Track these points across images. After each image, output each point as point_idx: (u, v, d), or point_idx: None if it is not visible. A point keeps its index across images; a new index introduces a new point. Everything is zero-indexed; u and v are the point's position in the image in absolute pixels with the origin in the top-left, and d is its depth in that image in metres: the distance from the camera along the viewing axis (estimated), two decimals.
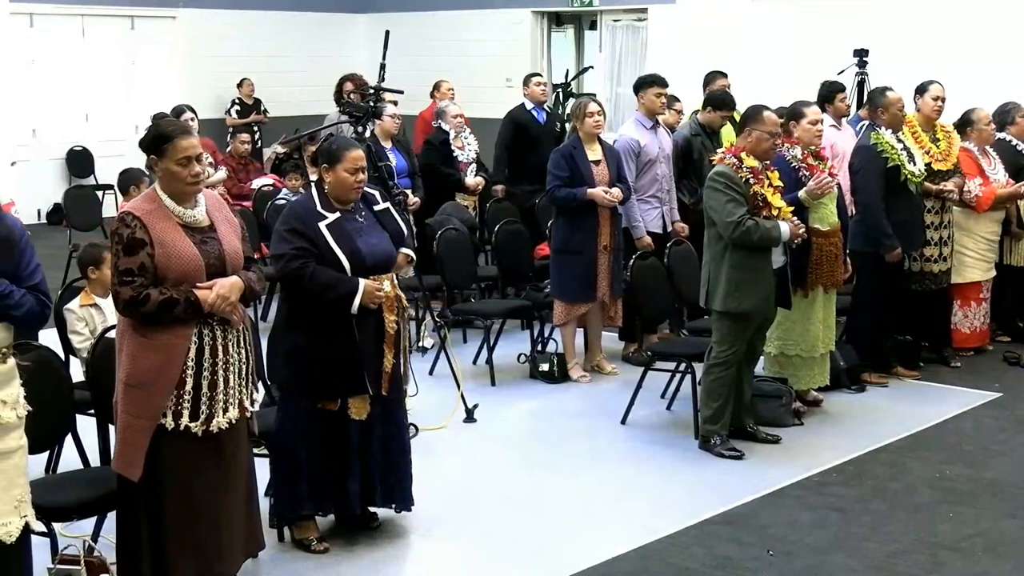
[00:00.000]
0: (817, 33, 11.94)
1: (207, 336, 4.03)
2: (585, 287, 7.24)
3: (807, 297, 6.44)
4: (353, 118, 6.57)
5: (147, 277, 3.91)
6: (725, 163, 5.96)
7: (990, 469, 5.95)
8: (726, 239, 5.87)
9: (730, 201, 5.82)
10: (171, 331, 3.96)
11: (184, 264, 3.95)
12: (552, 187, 7.20)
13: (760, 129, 5.94)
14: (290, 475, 4.79)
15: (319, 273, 4.64)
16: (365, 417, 4.79)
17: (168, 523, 4.06)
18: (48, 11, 13.85)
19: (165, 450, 4.01)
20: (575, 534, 5.12)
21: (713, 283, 5.99)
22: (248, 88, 14.63)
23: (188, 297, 3.93)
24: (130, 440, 4.00)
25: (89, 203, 11.36)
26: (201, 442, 4.05)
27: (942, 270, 7.56)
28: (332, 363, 4.69)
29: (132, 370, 3.98)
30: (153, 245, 3.92)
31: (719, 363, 6.02)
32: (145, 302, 3.89)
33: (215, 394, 4.05)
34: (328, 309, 4.65)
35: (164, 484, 4.03)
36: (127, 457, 4.01)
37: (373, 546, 4.95)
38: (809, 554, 4.91)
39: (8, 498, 3.60)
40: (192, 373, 4.00)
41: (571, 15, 15.23)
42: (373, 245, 4.80)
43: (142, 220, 3.94)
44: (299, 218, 4.73)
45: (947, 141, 7.57)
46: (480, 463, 6.05)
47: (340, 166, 4.74)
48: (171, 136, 4.01)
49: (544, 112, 9.72)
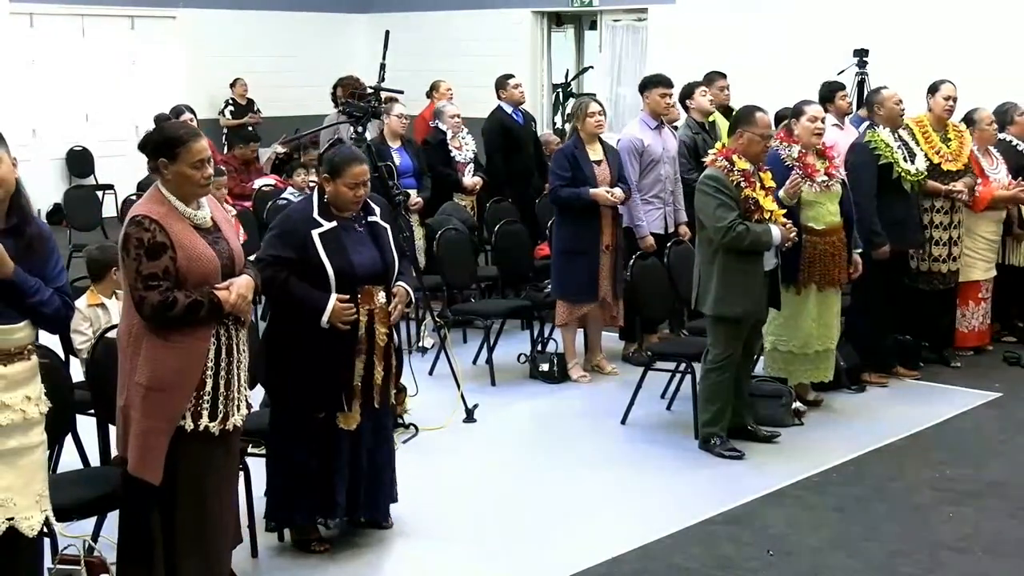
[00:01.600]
0: (817, 33, 11.94)
1: (223, 336, 4.05)
2: (588, 287, 7.24)
3: (800, 295, 6.44)
4: (353, 118, 6.57)
5: (171, 281, 3.92)
6: (716, 166, 5.93)
7: (990, 469, 5.95)
8: (716, 243, 5.86)
9: (720, 206, 5.80)
10: (192, 333, 3.97)
11: (204, 265, 3.97)
12: (555, 187, 7.19)
13: (752, 131, 5.92)
14: (287, 479, 4.78)
15: (290, 285, 4.61)
16: (354, 428, 4.76)
17: (179, 523, 4.07)
18: (48, 11, 13.85)
19: (181, 451, 4.01)
20: (575, 534, 5.12)
21: (704, 286, 5.98)
22: (241, 88, 14.60)
23: (212, 299, 3.95)
24: (150, 444, 3.98)
25: (89, 203, 11.37)
26: (215, 442, 4.08)
27: (951, 270, 7.56)
28: (312, 376, 4.65)
29: (153, 374, 3.95)
30: (175, 248, 3.93)
31: (716, 367, 6.02)
32: (173, 306, 3.89)
33: (231, 393, 4.09)
34: (305, 320, 4.63)
35: (179, 484, 4.04)
36: (147, 461, 3.99)
37: (373, 546, 4.95)
38: (809, 554, 4.91)
39: (30, 492, 3.65)
40: (212, 374, 4.02)
41: (571, 15, 15.24)
42: (367, 256, 4.73)
43: (160, 223, 3.93)
44: (292, 223, 4.70)
45: (959, 141, 7.56)
46: (480, 463, 6.05)
47: (340, 180, 4.67)
48: (184, 139, 4.01)
49: (520, 114, 9.70)
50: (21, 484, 3.63)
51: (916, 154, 7.20)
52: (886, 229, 6.99)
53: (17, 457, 3.62)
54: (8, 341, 3.59)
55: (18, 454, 3.62)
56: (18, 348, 3.62)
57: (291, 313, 4.67)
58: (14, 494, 3.60)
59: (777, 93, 8.38)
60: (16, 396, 3.61)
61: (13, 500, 3.59)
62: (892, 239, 7.03)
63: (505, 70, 10.04)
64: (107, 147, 14.20)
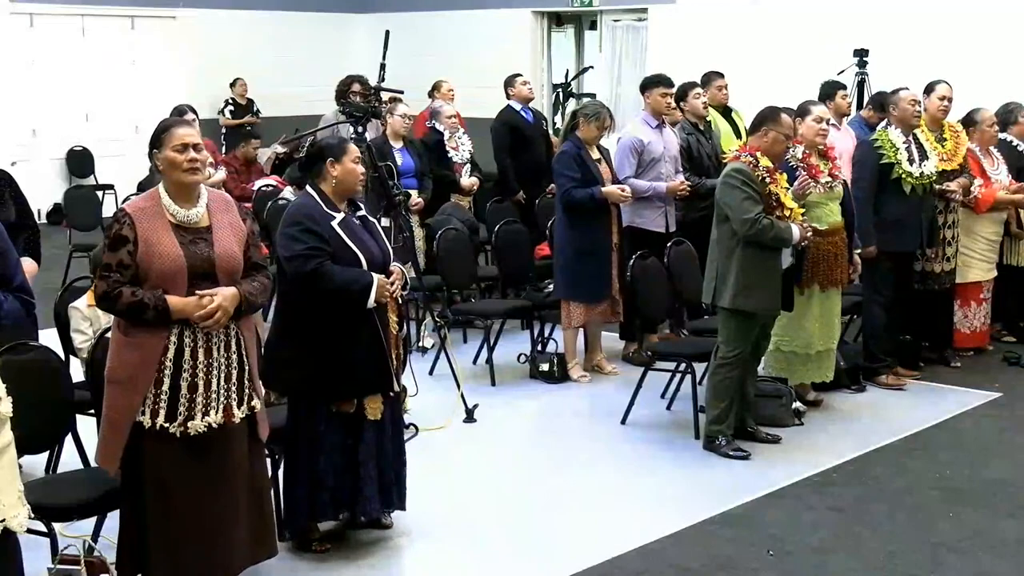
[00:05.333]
0: (817, 33, 11.94)
1: (187, 338, 3.99)
2: (602, 286, 7.26)
3: (803, 294, 6.44)
4: (353, 118, 6.57)
5: (123, 274, 3.93)
6: (742, 160, 5.93)
7: (990, 469, 5.95)
8: (740, 236, 5.83)
9: (747, 199, 5.80)
10: (148, 330, 3.96)
11: (164, 263, 3.94)
12: (567, 188, 7.15)
13: (777, 130, 5.92)
14: (310, 483, 4.75)
15: (335, 270, 4.62)
16: (379, 417, 4.78)
17: (149, 521, 4.05)
18: (48, 11, 13.85)
19: (146, 449, 4.00)
20: (575, 534, 5.12)
21: (722, 281, 5.95)
22: (241, 88, 14.61)
23: (158, 305, 3.91)
24: (108, 435, 4.05)
25: (89, 203, 11.35)
26: (181, 444, 4.00)
27: (946, 270, 7.55)
28: (353, 362, 4.65)
29: (113, 365, 4.04)
30: (136, 243, 3.93)
31: (726, 363, 6.01)
32: (116, 299, 3.92)
33: (194, 396, 4.00)
34: (341, 307, 4.63)
35: (144, 483, 4.03)
36: (104, 451, 4.08)
37: (373, 546, 4.95)
38: (809, 554, 4.91)
39: (13, 490, 3.63)
40: (169, 373, 3.97)
41: (571, 15, 15.23)
42: (374, 245, 4.81)
43: (132, 217, 3.96)
44: (309, 217, 4.68)
45: (954, 141, 7.54)
46: (480, 463, 6.05)
47: (346, 157, 4.75)
48: (168, 126, 4.07)
49: (531, 112, 9.72)
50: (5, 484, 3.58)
51: (929, 157, 7.16)
52: (884, 229, 6.99)
53: None
54: None
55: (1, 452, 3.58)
56: None
57: (323, 302, 4.63)
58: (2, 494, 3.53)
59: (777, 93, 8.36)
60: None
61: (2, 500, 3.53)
62: (888, 240, 7.02)
63: (505, 70, 10.05)
64: (107, 147, 14.20)
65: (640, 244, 7.33)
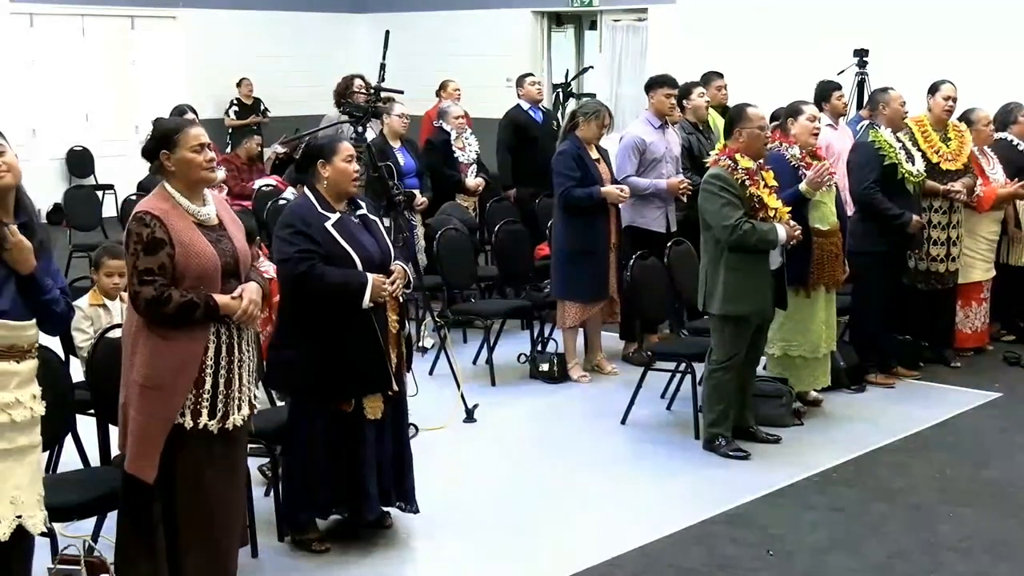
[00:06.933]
0: (817, 33, 11.93)
1: (224, 334, 4.03)
2: (599, 287, 7.26)
3: (809, 297, 6.44)
4: (353, 118, 6.57)
5: (166, 277, 3.91)
6: (720, 165, 5.93)
7: (990, 469, 5.95)
8: (723, 243, 5.84)
9: (726, 205, 5.79)
10: (190, 331, 3.95)
11: (203, 263, 3.95)
12: (567, 188, 7.15)
13: (748, 127, 5.91)
14: (310, 482, 4.76)
15: (327, 272, 4.61)
16: (380, 416, 4.78)
17: (181, 522, 4.06)
18: (48, 11, 13.85)
19: (179, 449, 4.01)
20: (575, 534, 5.13)
21: (711, 287, 5.96)
22: (247, 88, 14.63)
23: (208, 302, 3.93)
24: (146, 442, 3.98)
25: (89, 203, 11.35)
26: (215, 440, 4.06)
27: (949, 270, 7.55)
28: (351, 362, 4.65)
29: (150, 371, 3.95)
30: (173, 244, 3.92)
31: (721, 367, 6.01)
32: (167, 302, 3.88)
33: (231, 392, 4.06)
34: (337, 308, 4.63)
35: (177, 483, 4.03)
36: (142, 459, 3.98)
37: (373, 546, 4.94)
38: (809, 554, 4.91)
39: (33, 491, 3.67)
40: (211, 372, 4.00)
41: (571, 15, 15.23)
42: (373, 244, 4.80)
43: (161, 219, 3.93)
44: (302, 219, 4.69)
45: (959, 140, 7.54)
46: (480, 463, 6.05)
47: (337, 158, 4.73)
48: (180, 127, 4.07)
49: (540, 111, 9.73)
50: (27, 482, 3.65)
51: (914, 156, 7.19)
52: (889, 230, 6.99)
53: (24, 455, 3.64)
54: (22, 338, 3.61)
55: (25, 452, 3.65)
56: (29, 345, 3.66)
57: (319, 304, 4.63)
58: (22, 492, 3.62)
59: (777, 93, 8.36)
60: (26, 393, 3.64)
61: (22, 498, 3.61)
62: (894, 240, 7.03)
63: (505, 70, 10.07)
64: (107, 147, 14.19)
65: (641, 244, 7.33)
